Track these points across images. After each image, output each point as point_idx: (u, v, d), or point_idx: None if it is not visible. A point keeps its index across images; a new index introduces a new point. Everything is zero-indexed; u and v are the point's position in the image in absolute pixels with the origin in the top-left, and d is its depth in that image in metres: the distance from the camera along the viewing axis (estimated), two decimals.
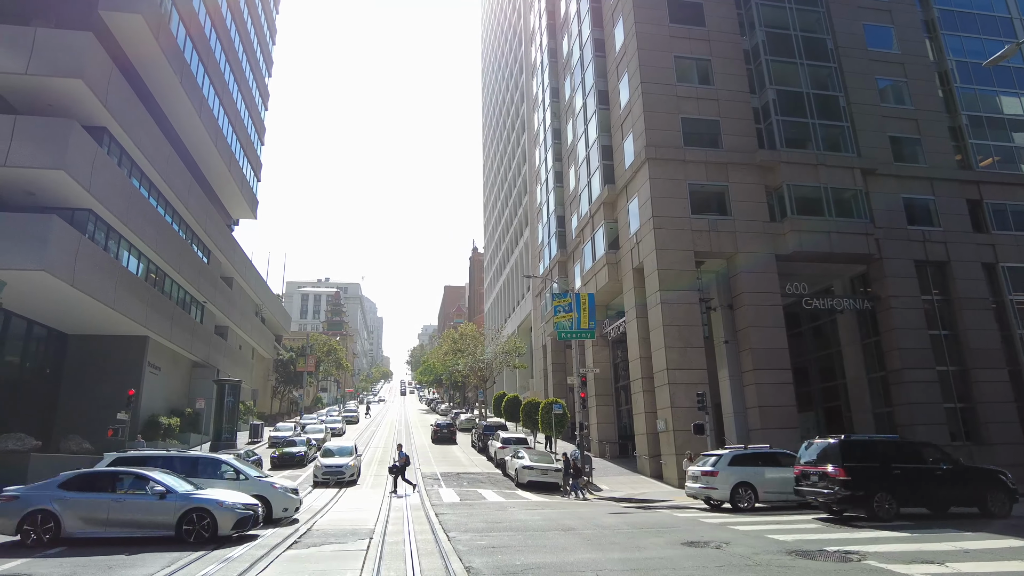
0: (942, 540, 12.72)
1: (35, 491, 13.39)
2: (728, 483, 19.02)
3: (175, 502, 13.38)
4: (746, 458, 19.78)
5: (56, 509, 12.92)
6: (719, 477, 19.13)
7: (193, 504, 13.36)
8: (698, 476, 19.84)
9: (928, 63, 35.73)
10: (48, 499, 13.09)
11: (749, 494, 18.94)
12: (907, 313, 29.96)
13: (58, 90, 26.58)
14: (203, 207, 41.68)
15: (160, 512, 13.28)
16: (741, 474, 19.16)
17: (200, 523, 13.19)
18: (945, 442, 27.90)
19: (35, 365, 30.39)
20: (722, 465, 19.32)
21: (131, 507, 13.32)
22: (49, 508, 12.90)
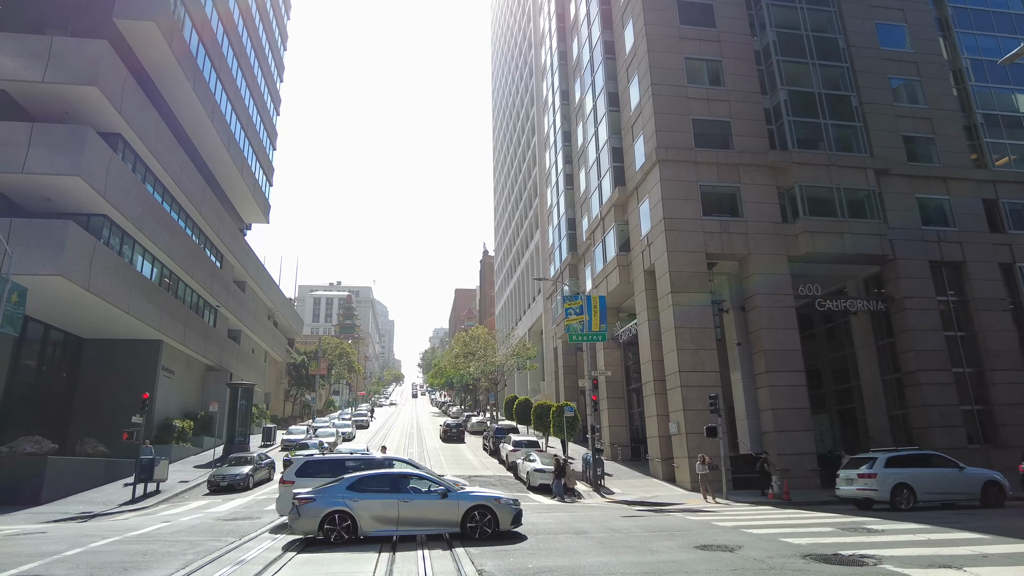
0: (960, 544, 12.56)
1: (327, 493, 13.93)
2: (887, 484, 19.30)
3: (458, 500, 14.08)
4: (901, 460, 20.08)
5: (352, 509, 13.56)
6: (877, 479, 19.40)
7: (476, 502, 14.09)
8: (853, 479, 20.05)
9: (942, 61, 35.39)
10: (342, 500, 13.71)
11: (908, 494, 19.20)
12: (922, 314, 29.64)
13: (74, 97, 26.96)
14: (216, 212, 42.04)
15: (445, 510, 13.98)
16: (899, 475, 19.43)
17: (483, 520, 13.89)
18: (962, 445, 27.63)
19: (52, 369, 30.76)
20: (879, 467, 19.59)
21: (418, 506, 13.99)
22: (345, 508, 13.55)
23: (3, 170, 24.49)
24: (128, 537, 14.81)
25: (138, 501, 23.38)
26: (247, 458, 28.86)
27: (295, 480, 16.37)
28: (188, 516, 19.25)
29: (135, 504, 22.80)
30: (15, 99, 27.03)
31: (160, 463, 25.64)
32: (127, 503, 22.93)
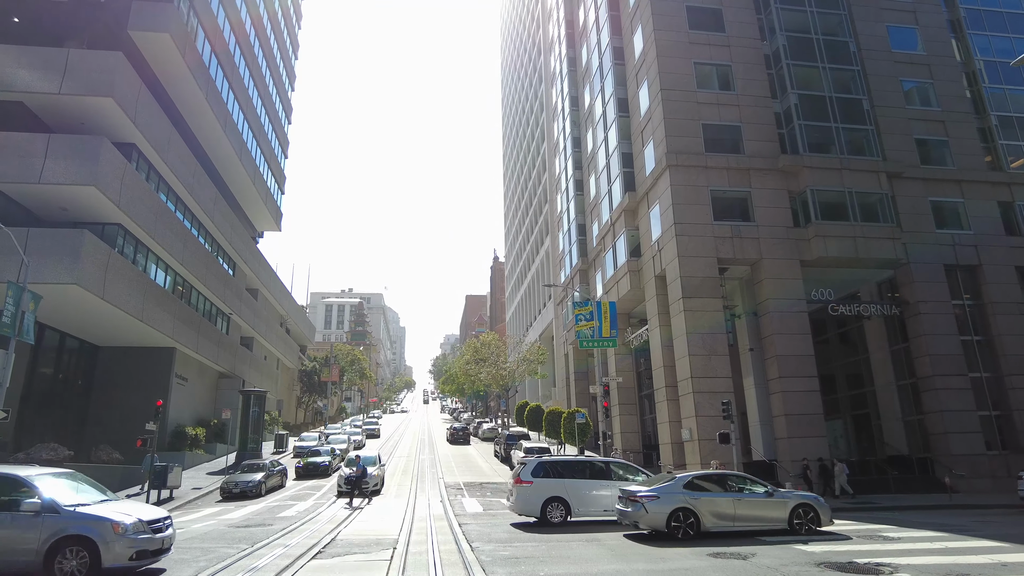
0: (978, 552, 12.37)
1: (666, 492, 14.82)
2: None
3: (782, 499, 15.40)
4: None
5: (694, 506, 14.57)
6: None
7: (800, 500, 15.43)
8: None
9: (955, 63, 35.11)
10: (683, 498, 14.70)
11: None
12: (937, 318, 29.31)
13: (89, 108, 27.34)
14: (228, 220, 42.42)
15: (774, 508, 15.21)
16: None
17: (807, 516, 15.13)
18: (980, 451, 27.25)
19: (67, 376, 31.09)
20: None
21: (749, 504, 15.14)
22: (688, 506, 14.52)
23: (21, 180, 24.85)
24: None
25: None
26: (259, 465, 28.96)
27: (532, 481, 17.67)
28: (201, 523, 19.35)
29: None
30: (32, 111, 27.45)
31: (174, 470, 25.79)
32: None
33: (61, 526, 10.01)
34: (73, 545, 9.91)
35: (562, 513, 17.34)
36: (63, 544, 9.91)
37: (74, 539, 9.96)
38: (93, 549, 9.95)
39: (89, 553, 9.93)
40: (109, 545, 10.08)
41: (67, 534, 9.95)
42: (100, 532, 10.11)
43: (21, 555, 9.82)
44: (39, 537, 9.85)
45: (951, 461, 26.62)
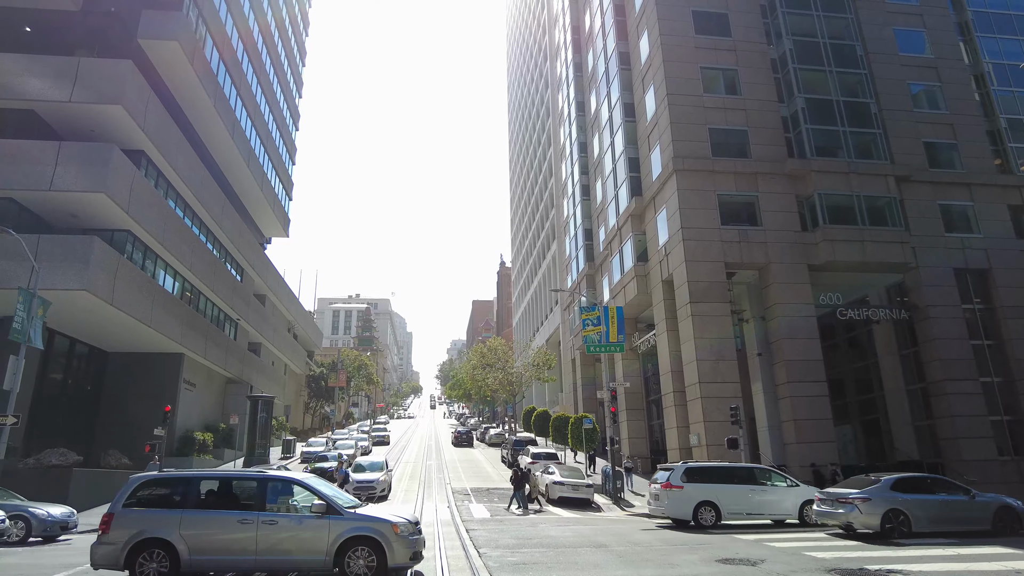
0: (991, 559, 12.24)
1: (876, 493, 15.44)
2: None
3: (986, 501, 16.07)
4: None
5: (906, 507, 15.18)
6: None
7: (1003, 502, 16.10)
8: None
9: (963, 66, 34.94)
10: (892, 500, 15.24)
11: None
12: (947, 323, 29.09)
13: (99, 116, 27.57)
14: (236, 226, 42.61)
15: (977, 510, 15.85)
16: None
17: (1010, 518, 15.80)
18: (991, 456, 26.98)
19: (77, 382, 31.26)
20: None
21: (952, 506, 15.84)
22: (899, 507, 15.12)
23: (32, 187, 25.07)
24: None
25: None
26: None
27: (683, 485, 18.39)
28: None
29: None
30: (44, 119, 27.71)
31: None
32: None
33: (347, 527, 10.45)
34: (360, 546, 10.35)
35: (713, 516, 18.12)
36: (349, 545, 10.33)
37: (360, 540, 10.38)
38: (379, 549, 10.37)
39: (376, 553, 10.35)
40: (392, 546, 10.48)
41: (353, 535, 10.39)
42: (384, 533, 10.52)
43: (313, 555, 10.27)
44: (327, 538, 10.29)
45: (962, 467, 26.36)
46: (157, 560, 9.91)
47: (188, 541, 10.04)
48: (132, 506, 10.44)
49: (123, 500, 10.43)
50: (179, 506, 10.53)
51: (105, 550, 10.00)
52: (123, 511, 10.32)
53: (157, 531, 10.05)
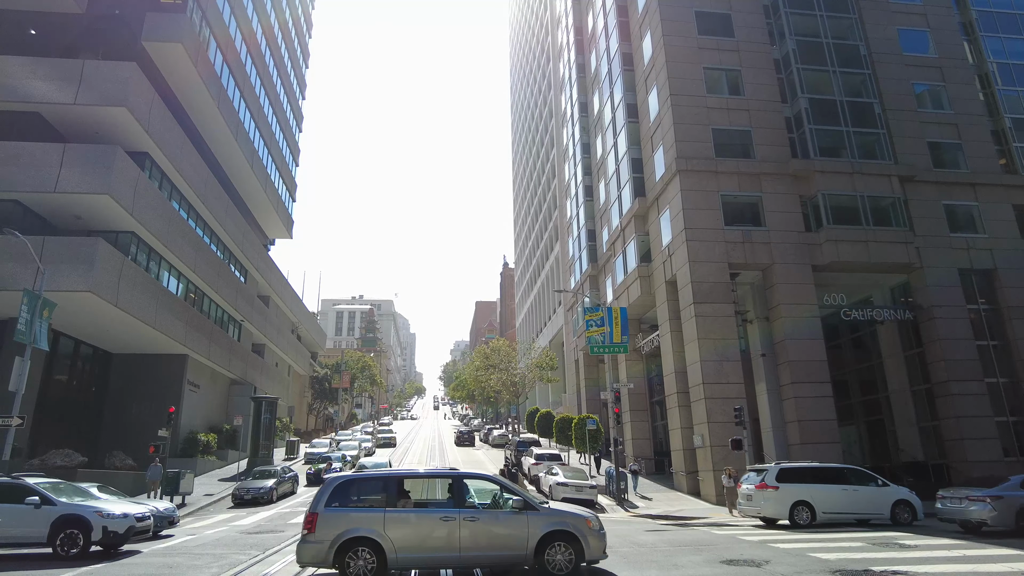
0: (997, 560, 12.18)
1: (1007, 492, 16.17)
2: None
3: None
4: None
5: None
6: None
7: None
8: None
9: (967, 66, 34.83)
10: None
11: None
12: (952, 323, 28.98)
13: (104, 118, 27.68)
14: (240, 228, 42.71)
15: None
16: None
17: None
18: (997, 457, 26.86)
19: (81, 383, 31.36)
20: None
21: None
22: None
23: (37, 189, 25.18)
24: (155, 550, 14.97)
25: None
26: (271, 471, 29.06)
27: (778, 486, 18.65)
28: (213, 529, 19.41)
29: None
30: (48, 121, 27.83)
31: (185, 476, 25.92)
32: None
33: (545, 522, 10.75)
34: (557, 541, 10.63)
35: (808, 516, 18.37)
36: (548, 540, 10.61)
37: (557, 535, 10.67)
38: (575, 543, 10.66)
39: (573, 548, 10.64)
40: (588, 540, 10.77)
41: (552, 530, 10.68)
42: (580, 528, 10.82)
43: (514, 550, 10.60)
44: (527, 533, 10.60)
45: (967, 468, 26.25)
46: (364, 558, 10.22)
47: (393, 539, 10.35)
48: (334, 506, 10.67)
49: (324, 500, 10.65)
50: (381, 505, 10.81)
51: (312, 549, 10.32)
52: (326, 511, 10.56)
53: (363, 530, 10.37)
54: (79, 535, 12.95)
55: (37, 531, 12.86)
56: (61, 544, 12.93)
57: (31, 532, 12.90)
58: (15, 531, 12.96)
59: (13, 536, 13.05)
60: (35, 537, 12.99)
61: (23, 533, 12.97)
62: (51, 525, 12.89)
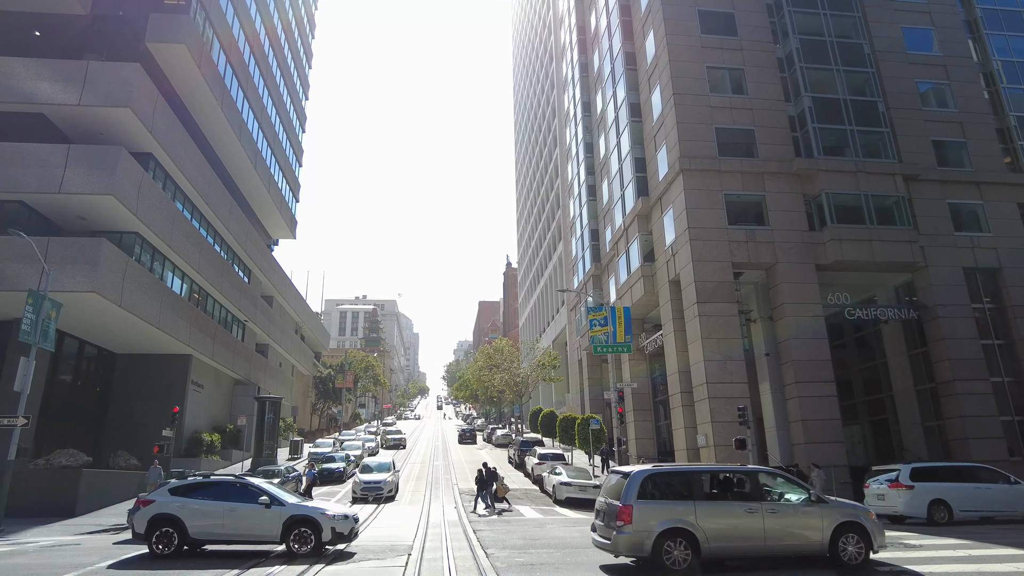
0: (1002, 560, 12.13)
1: None
2: None
3: None
4: None
5: None
6: None
7: None
8: None
9: (972, 64, 34.70)
10: None
11: None
12: (957, 322, 28.87)
13: (108, 119, 27.77)
14: (243, 228, 42.79)
15: None
16: None
17: None
18: (1002, 457, 26.75)
19: (86, 383, 31.46)
20: None
21: None
22: None
23: (42, 190, 25.27)
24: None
25: None
26: (274, 471, 29.10)
27: (914, 485, 18.97)
28: None
29: None
30: (53, 122, 27.93)
31: (190, 476, 25.95)
32: None
33: (836, 514, 11.51)
34: (850, 532, 11.35)
35: (946, 515, 18.51)
36: (842, 530, 11.34)
37: (850, 526, 11.41)
38: (864, 534, 11.37)
39: (863, 539, 11.35)
40: (874, 532, 11.56)
41: (845, 521, 11.42)
42: (867, 519, 11.60)
43: (811, 541, 11.33)
44: (822, 524, 11.37)
45: None
46: (680, 547, 10.92)
47: (704, 529, 11.04)
48: (645, 499, 11.32)
49: (635, 493, 11.32)
50: (689, 497, 11.51)
51: (630, 539, 11.01)
52: (639, 503, 11.21)
53: (678, 521, 11.07)
54: (311, 534, 13.50)
55: (270, 530, 13.51)
56: (294, 542, 13.47)
57: (265, 531, 13.55)
58: (252, 529, 13.66)
59: (250, 534, 13.74)
60: (269, 535, 13.62)
61: (258, 531, 13.64)
62: (283, 524, 13.49)
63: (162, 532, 13.28)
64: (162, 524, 13.31)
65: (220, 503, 13.72)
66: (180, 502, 13.62)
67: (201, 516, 13.51)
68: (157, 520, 13.33)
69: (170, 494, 13.80)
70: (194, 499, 13.75)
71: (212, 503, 13.74)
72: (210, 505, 13.71)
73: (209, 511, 13.62)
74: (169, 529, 13.30)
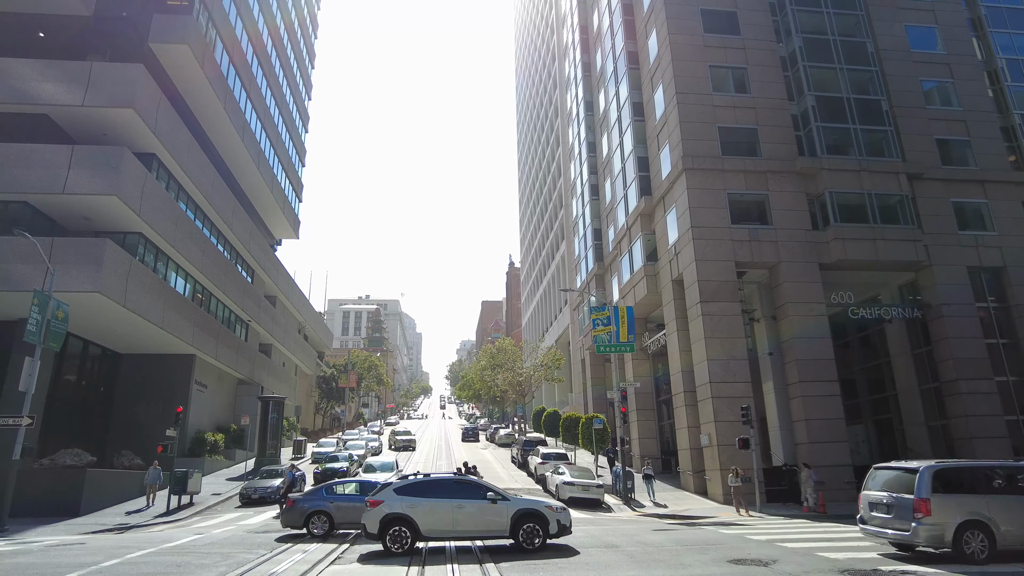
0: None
1: None
2: None
3: None
4: None
5: None
6: None
7: None
8: None
9: (976, 62, 34.58)
10: None
11: None
12: (961, 321, 28.78)
13: (111, 120, 27.83)
14: (247, 228, 42.85)
15: None
16: None
17: None
18: (1008, 457, 26.67)
19: (90, 383, 31.54)
20: None
21: None
22: None
23: (46, 191, 25.34)
24: (163, 549, 15.04)
25: (172, 513, 23.75)
26: (278, 471, 29.15)
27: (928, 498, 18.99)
28: (220, 528, 19.49)
29: (169, 516, 23.17)
30: (57, 123, 27.99)
31: (193, 476, 26.03)
32: (162, 515, 23.31)
33: None
34: None
35: None
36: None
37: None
38: None
39: None
40: None
41: None
42: None
43: None
44: None
45: None
46: (977, 539, 11.77)
47: (998, 521, 11.88)
48: (938, 492, 12.07)
49: (928, 486, 12.12)
50: (980, 491, 12.32)
51: (930, 530, 11.84)
52: (935, 496, 11.99)
53: (974, 513, 11.92)
54: (538, 528, 13.93)
55: (500, 525, 14.04)
56: (524, 536, 13.89)
57: (495, 526, 14.07)
58: (481, 525, 14.17)
59: (480, 529, 14.22)
60: (498, 530, 14.06)
61: (488, 527, 14.14)
62: (511, 519, 13.99)
63: (395, 532, 13.75)
64: (395, 523, 13.78)
65: (448, 500, 14.16)
66: (409, 501, 14.01)
67: (431, 514, 13.91)
68: (390, 520, 13.78)
69: (395, 494, 14.18)
70: (423, 498, 14.15)
71: (441, 501, 14.14)
72: (439, 503, 14.08)
73: (438, 509, 14.00)
74: (403, 528, 13.76)
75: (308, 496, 17.98)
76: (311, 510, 17.14)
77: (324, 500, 17.51)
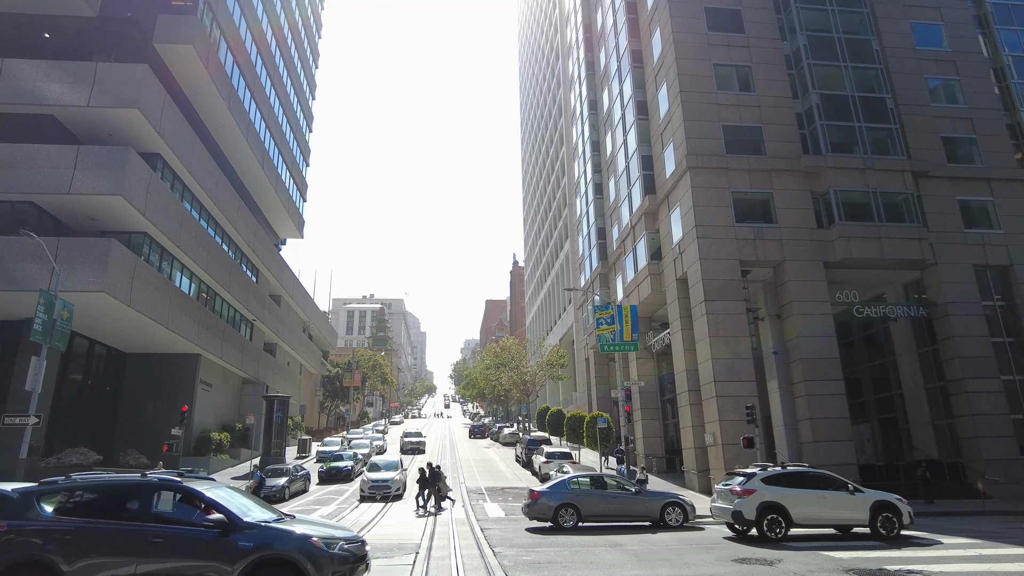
0: (1014, 560, 12.04)
1: None
2: None
3: None
4: None
5: None
6: None
7: None
8: None
9: (982, 60, 34.40)
10: None
11: None
12: (967, 320, 28.66)
13: (116, 120, 27.95)
14: (251, 228, 42.97)
15: None
16: None
17: None
18: (1013, 456, 26.59)
19: (96, 383, 31.69)
20: None
21: None
22: None
23: (52, 191, 25.47)
24: None
25: None
26: (283, 470, 29.23)
27: None
28: None
29: None
30: (62, 123, 28.13)
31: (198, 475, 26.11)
32: None
33: None
34: None
35: None
36: None
37: None
38: None
39: None
40: None
41: None
42: None
43: None
44: None
45: (983, 466, 25.99)
46: None
47: None
48: None
49: None
50: None
51: None
52: None
53: None
54: (895, 520, 14.99)
55: (859, 516, 15.06)
56: (882, 526, 14.81)
57: (857, 516, 15.11)
58: (845, 515, 15.27)
59: (843, 518, 15.34)
60: (859, 520, 15.03)
61: (851, 517, 15.22)
62: (869, 510, 14.98)
63: (772, 519, 14.86)
64: (771, 511, 14.90)
65: (812, 491, 15.17)
66: (780, 491, 14.98)
67: (801, 503, 14.98)
68: (766, 507, 14.92)
69: (763, 483, 15.23)
70: (790, 488, 15.12)
71: (806, 492, 15.14)
72: (805, 493, 15.14)
73: (806, 499, 15.06)
74: (777, 516, 14.88)
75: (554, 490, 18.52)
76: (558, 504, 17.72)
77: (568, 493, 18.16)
